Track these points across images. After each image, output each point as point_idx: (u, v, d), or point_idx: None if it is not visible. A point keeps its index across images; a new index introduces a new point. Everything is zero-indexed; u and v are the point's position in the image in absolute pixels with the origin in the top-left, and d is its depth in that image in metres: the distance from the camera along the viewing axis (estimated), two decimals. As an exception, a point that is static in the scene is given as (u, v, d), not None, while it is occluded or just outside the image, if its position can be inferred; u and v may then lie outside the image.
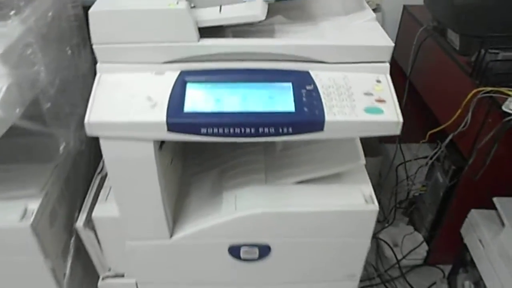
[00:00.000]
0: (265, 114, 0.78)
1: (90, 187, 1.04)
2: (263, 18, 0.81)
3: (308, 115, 0.77)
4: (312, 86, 0.81)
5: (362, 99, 0.80)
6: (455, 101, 1.33)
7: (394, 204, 1.76)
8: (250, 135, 0.77)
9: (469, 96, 1.25)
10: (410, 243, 1.66)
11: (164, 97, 0.79)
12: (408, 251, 1.64)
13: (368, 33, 0.86)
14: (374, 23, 0.90)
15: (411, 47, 1.65)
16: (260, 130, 0.77)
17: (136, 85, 0.81)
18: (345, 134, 0.81)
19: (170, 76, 0.82)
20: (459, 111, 1.32)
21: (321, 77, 0.83)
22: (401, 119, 0.78)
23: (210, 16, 0.83)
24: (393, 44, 0.82)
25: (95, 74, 0.82)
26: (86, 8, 0.84)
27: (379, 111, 0.78)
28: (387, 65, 0.84)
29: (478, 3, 1.31)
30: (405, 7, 1.86)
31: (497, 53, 1.24)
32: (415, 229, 1.74)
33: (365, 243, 0.97)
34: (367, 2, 0.99)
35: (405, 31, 1.85)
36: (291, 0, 0.87)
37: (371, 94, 0.81)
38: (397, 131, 0.79)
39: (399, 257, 1.64)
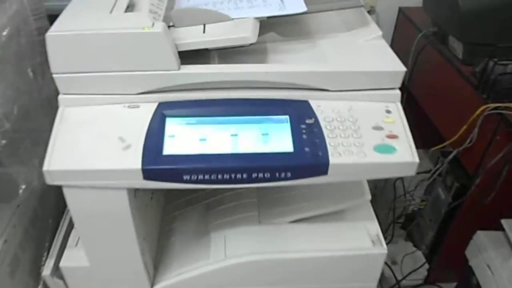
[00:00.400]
0: (259, 156, 0.66)
1: (59, 228, 0.91)
2: (255, 40, 0.69)
3: (309, 156, 0.66)
4: (313, 119, 0.69)
5: (371, 134, 0.69)
6: (459, 115, 1.24)
7: (392, 220, 1.66)
8: (242, 181, 0.65)
9: (476, 113, 1.15)
10: (410, 260, 1.57)
11: (139, 136, 0.66)
12: (407, 268, 1.55)
13: (375, 54, 0.75)
14: (381, 41, 0.79)
15: (408, 53, 1.54)
16: (254, 175, 0.65)
17: (106, 122, 0.68)
18: (352, 177, 0.70)
19: (146, 110, 0.70)
20: (464, 127, 1.22)
21: (323, 108, 0.71)
22: (416, 159, 0.67)
23: (192, 37, 0.70)
24: (405, 69, 0.71)
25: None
26: (52, 17, 0.72)
27: (391, 149, 0.67)
28: (398, 92, 0.73)
29: (487, 8, 1.19)
30: (401, 9, 1.75)
31: (507, 64, 1.14)
32: (414, 245, 1.65)
33: (371, 287, 0.87)
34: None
35: (401, 36, 1.74)
36: (285, 16, 0.75)
37: (381, 128, 0.69)
38: (412, 172, 0.68)
39: (399, 276, 1.55)
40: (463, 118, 1.22)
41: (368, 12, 1.78)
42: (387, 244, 0.79)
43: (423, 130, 1.41)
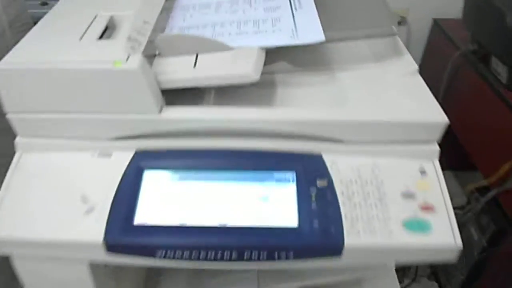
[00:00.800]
0: (254, 232, 0.52)
1: None
2: (257, 78, 0.55)
3: (318, 234, 0.51)
4: (325, 181, 0.55)
5: (400, 205, 0.54)
6: (501, 149, 1.07)
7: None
8: (231, 260, 0.51)
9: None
10: (435, 305, 1.41)
11: (106, 196, 0.53)
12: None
13: (409, 96, 0.59)
14: (417, 78, 0.63)
15: (441, 71, 1.37)
16: (246, 254, 0.51)
17: (69, 174, 0.56)
18: (373, 260, 0.55)
19: (120, 160, 0.57)
20: (507, 165, 1.05)
21: (339, 165, 0.56)
22: (459, 243, 0.51)
23: (180, 72, 0.56)
24: (447, 121, 0.56)
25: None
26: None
27: (425, 226, 0.52)
28: (436, 147, 0.58)
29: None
30: (435, 21, 1.57)
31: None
32: (440, 286, 1.48)
33: None
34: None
35: (435, 52, 1.56)
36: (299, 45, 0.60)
37: (412, 196, 0.54)
38: (452, 258, 0.52)
39: (420, 321, 1.38)
40: (506, 154, 1.06)
41: (399, 23, 1.61)
42: (409, 282, 0.63)
43: (449, 147, 1.24)
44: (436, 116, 0.56)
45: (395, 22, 0.63)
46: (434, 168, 0.58)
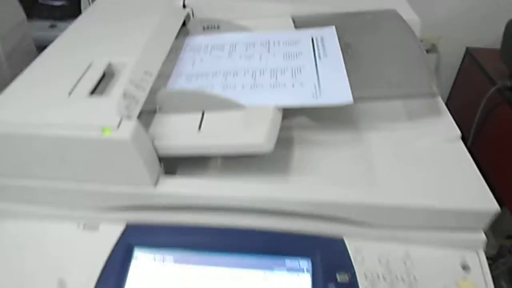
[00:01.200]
0: None
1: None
2: (271, 148, 0.47)
3: None
4: (347, 275, 0.46)
5: (438, 311, 0.44)
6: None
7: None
8: None
9: None
10: None
11: (87, 280, 0.45)
12: None
13: (450, 173, 0.50)
14: (460, 148, 0.54)
15: (473, 105, 1.27)
16: None
17: (48, 249, 0.48)
18: None
19: (107, 234, 0.49)
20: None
21: (364, 253, 0.47)
22: None
23: (183, 137, 0.48)
24: (498, 208, 0.46)
25: None
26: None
27: None
28: (482, 236, 0.48)
29: None
30: (468, 50, 1.47)
31: None
32: None
33: None
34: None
35: (467, 84, 1.46)
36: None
37: (453, 301, 0.45)
38: None
39: None
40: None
41: (427, 51, 1.50)
42: None
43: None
44: (484, 201, 0.47)
45: (434, 81, 0.54)
46: (479, 260, 0.48)
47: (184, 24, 0.69)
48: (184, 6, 0.72)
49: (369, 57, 0.59)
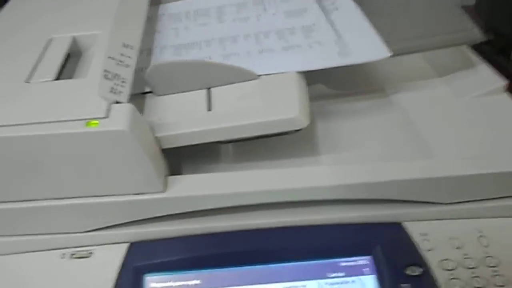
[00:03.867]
0: None
1: None
2: (308, 122, 0.36)
3: None
4: (420, 269, 0.37)
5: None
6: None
7: None
8: None
9: None
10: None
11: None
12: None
13: (504, 129, 0.42)
14: (504, 97, 0.46)
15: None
16: None
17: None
18: None
19: (105, 261, 0.37)
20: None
21: (433, 238, 0.39)
22: None
23: (189, 122, 0.37)
24: None
25: None
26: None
27: None
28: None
29: None
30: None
31: None
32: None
33: None
34: None
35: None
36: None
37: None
38: None
39: None
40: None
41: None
42: None
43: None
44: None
45: (474, 25, 0.46)
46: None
47: (154, -10, 0.56)
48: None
49: (390, 8, 0.50)
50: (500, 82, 0.48)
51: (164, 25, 0.52)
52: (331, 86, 0.50)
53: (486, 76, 0.49)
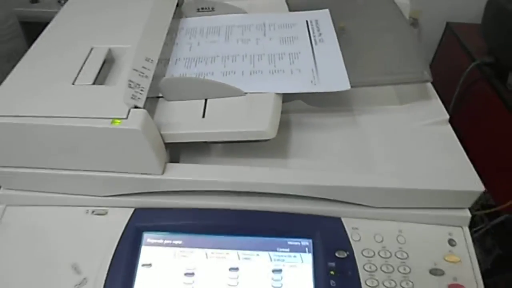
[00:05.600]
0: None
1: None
2: (274, 135, 0.49)
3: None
4: (346, 253, 0.49)
5: (427, 283, 0.48)
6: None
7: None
8: None
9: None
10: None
11: (101, 266, 0.47)
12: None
13: (439, 155, 0.54)
14: (448, 131, 0.57)
15: (452, 81, 1.31)
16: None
17: (60, 234, 0.50)
18: None
19: (116, 219, 0.51)
20: (521, 193, 1.00)
21: (361, 232, 0.51)
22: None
23: (187, 125, 0.50)
24: (483, 188, 0.50)
25: None
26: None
27: (454, 310, 0.47)
28: (468, 214, 0.52)
29: None
30: (448, 25, 1.49)
31: None
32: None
33: None
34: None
35: (446, 57, 1.49)
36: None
37: (441, 273, 0.49)
38: None
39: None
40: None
41: (411, 25, 1.53)
42: None
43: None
44: (471, 183, 0.50)
45: (427, 67, 0.57)
46: (464, 236, 0.52)
47: (177, 5, 0.68)
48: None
49: (364, 41, 0.61)
50: (446, 115, 0.59)
51: (181, 39, 0.64)
52: (308, 102, 0.62)
53: (437, 108, 0.60)
